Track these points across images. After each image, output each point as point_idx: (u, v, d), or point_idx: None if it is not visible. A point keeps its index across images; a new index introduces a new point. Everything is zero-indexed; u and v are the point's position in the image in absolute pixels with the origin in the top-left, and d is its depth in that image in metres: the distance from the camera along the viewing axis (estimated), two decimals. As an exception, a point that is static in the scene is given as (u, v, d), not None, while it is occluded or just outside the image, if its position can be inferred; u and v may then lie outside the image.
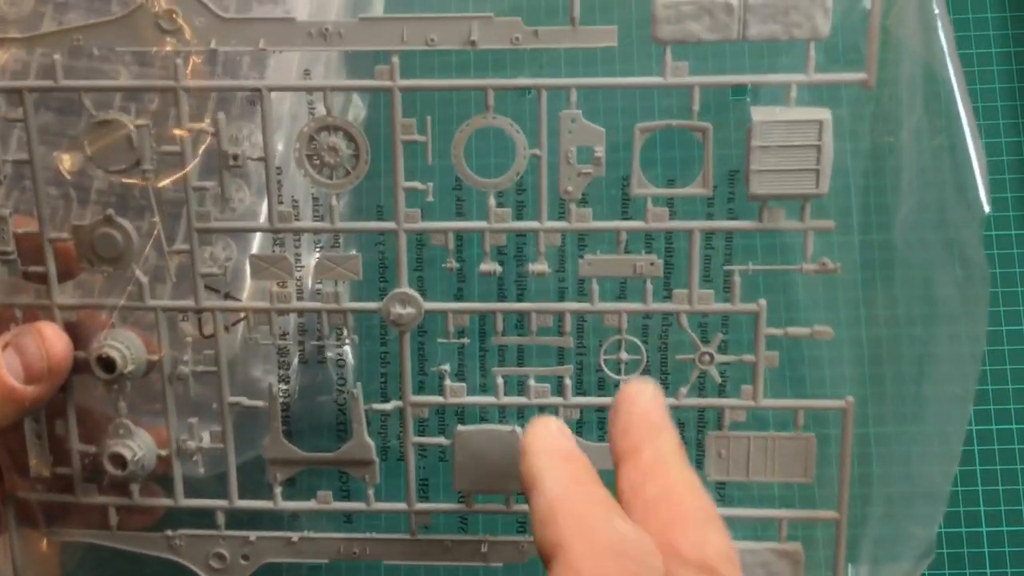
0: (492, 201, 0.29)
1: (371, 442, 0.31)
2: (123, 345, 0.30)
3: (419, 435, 0.31)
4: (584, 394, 0.31)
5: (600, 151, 0.28)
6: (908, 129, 0.28)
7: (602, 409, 0.31)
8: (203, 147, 0.29)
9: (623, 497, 0.23)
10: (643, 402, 0.25)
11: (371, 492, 0.31)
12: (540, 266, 0.29)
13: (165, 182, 0.30)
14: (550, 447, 0.24)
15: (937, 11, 0.27)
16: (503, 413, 0.31)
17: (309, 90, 0.30)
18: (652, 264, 0.29)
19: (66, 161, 0.31)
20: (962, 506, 0.35)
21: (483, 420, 0.31)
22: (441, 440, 0.31)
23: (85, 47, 0.29)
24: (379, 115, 0.30)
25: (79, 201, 0.32)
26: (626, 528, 0.22)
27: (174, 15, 0.29)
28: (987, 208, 0.27)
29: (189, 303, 0.30)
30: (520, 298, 0.31)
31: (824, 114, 0.27)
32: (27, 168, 0.29)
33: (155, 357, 0.31)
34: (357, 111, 0.32)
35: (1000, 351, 0.36)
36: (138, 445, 0.31)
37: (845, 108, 0.28)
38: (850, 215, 0.29)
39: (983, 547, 0.35)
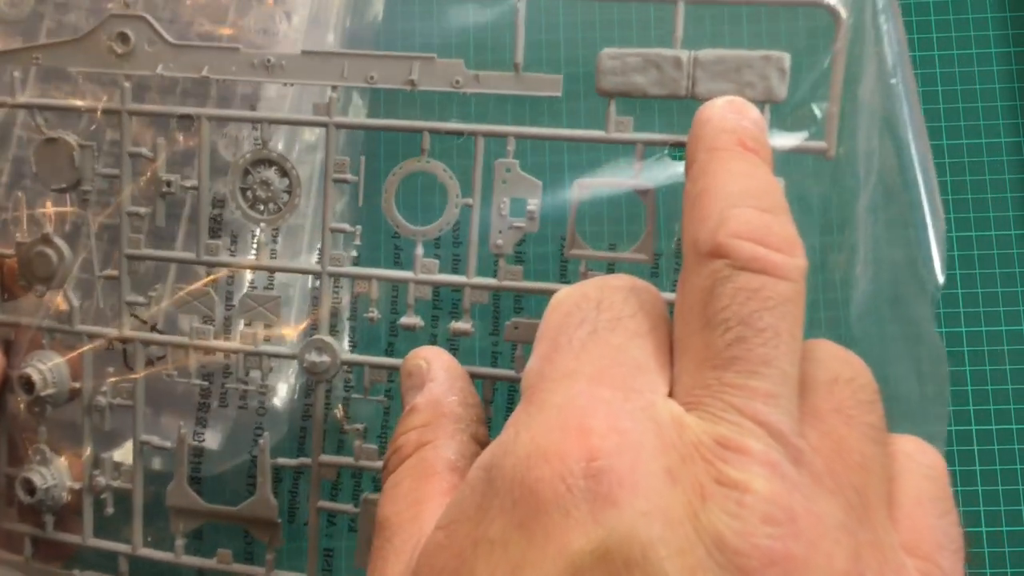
0: (419, 250, 0.27)
1: (275, 501, 0.29)
2: (46, 367, 0.29)
3: (330, 499, 0.29)
4: (509, 472, 0.28)
5: (534, 204, 0.26)
6: (864, 198, 0.25)
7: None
8: (147, 175, 0.29)
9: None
10: (708, 110, 0.22)
11: (270, 557, 0.29)
12: (463, 325, 0.27)
13: (100, 217, 0.29)
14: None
15: (898, 67, 0.24)
16: (421, 484, 0.28)
17: (251, 121, 0.29)
18: (583, 333, 0.26)
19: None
20: (962, 506, 0.34)
21: (400, 489, 0.29)
22: (348, 507, 0.28)
23: (44, 64, 0.29)
24: (379, 115, 0.29)
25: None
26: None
27: (127, 39, 0.28)
28: (941, 280, 0.24)
29: (113, 331, 0.29)
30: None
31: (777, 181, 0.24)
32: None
33: (78, 384, 0.30)
34: (357, 110, 0.31)
35: (1000, 351, 0.35)
36: (51, 473, 0.30)
37: (802, 174, 0.25)
38: (810, 291, 0.26)
39: (983, 547, 0.34)
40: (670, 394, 0.19)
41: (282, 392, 0.30)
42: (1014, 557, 0.34)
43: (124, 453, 0.30)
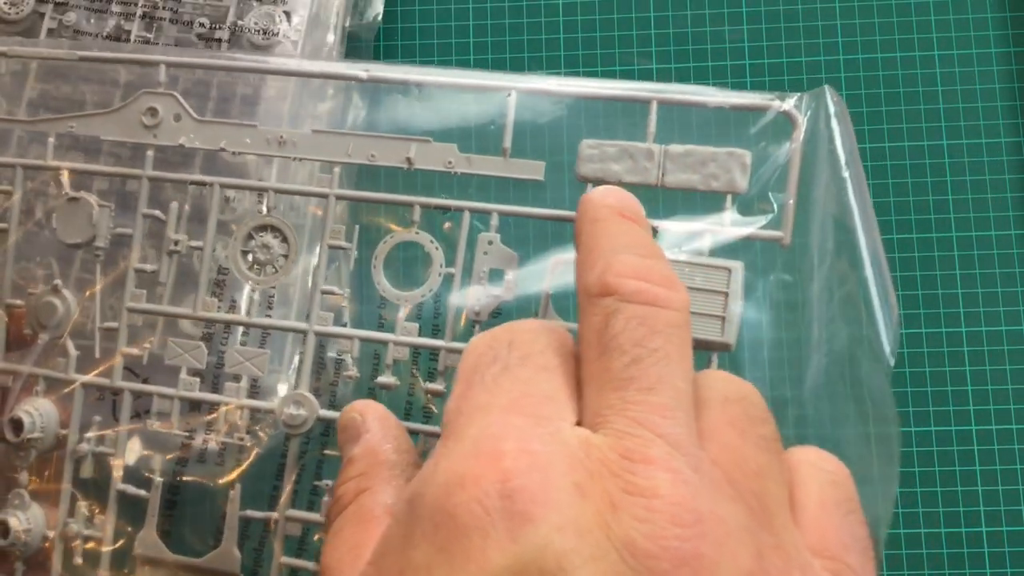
0: (402, 314, 0.29)
1: (238, 554, 0.29)
2: (37, 412, 0.31)
3: (296, 555, 0.29)
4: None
5: (511, 275, 0.28)
6: (819, 282, 0.27)
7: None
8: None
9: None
10: (589, 194, 0.25)
11: (231, 611, 0.29)
12: (437, 386, 0.28)
13: (109, 272, 0.31)
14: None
15: (849, 164, 0.27)
16: (385, 547, 0.29)
17: (258, 190, 0.31)
18: (550, 400, 0.28)
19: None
20: (962, 506, 0.34)
21: (364, 552, 0.29)
22: (311, 565, 0.29)
23: (78, 132, 0.32)
24: (380, 113, 0.31)
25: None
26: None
27: (156, 113, 0.31)
28: (892, 362, 0.25)
29: (105, 381, 0.31)
30: (427, 421, 0.30)
31: (735, 264, 0.26)
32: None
33: (65, 432, 0.31)
34: (357, 111, 0.33)
35: (1000, 351, 0.35)
36: (27, 518, 0.30)
37: (759, 259, 0.27)
38: (765, 368, 0.28)
39: (983, 547, 0.34)
40: (579, 422, 0.21)
41: (282, 392, 0.30)
42: (1014, 557, 0.34)
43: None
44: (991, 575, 0.34)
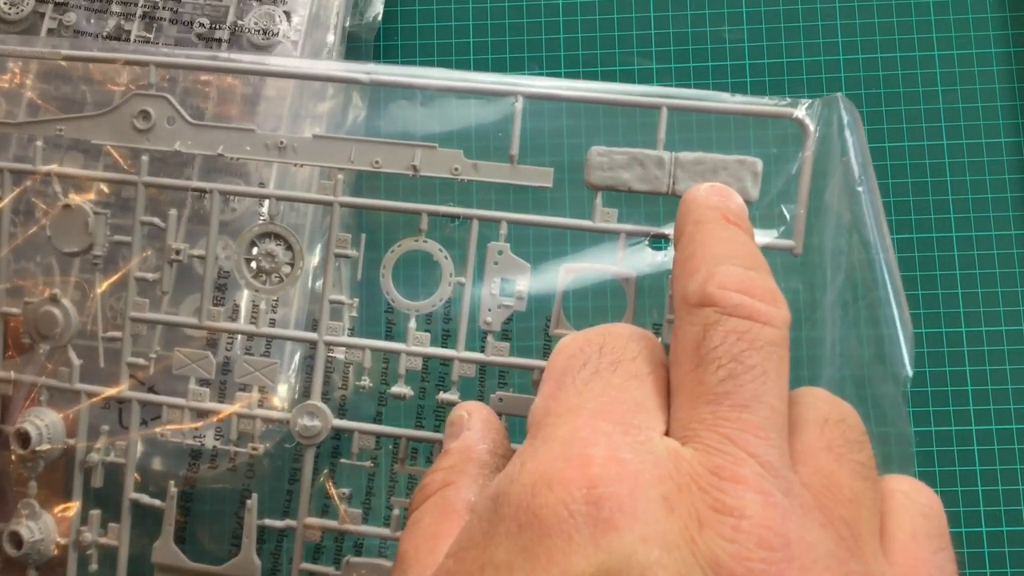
0: (412, 323, 0.29)
1: (258, 561, 0.29)
2: (43, 423, 0.30)
3: (312, 562, 0.30)
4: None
5: (523, 285, 0.28)
6: (833, 290, 0.27)
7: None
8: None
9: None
10: (694, 192, 0.24)
11: (252, 616, 0.30)
12: (451, 396, 0.29)
13: (109, 281, 0.31)
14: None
15: (863, 176, 0.27)
16: (401, 550, 0.29)
17: (260, 197, 0.31)
18: (564, 408, 0.28)
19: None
20: (962, 506, 0.34)
21: (381, 555, 0.30)
22: (330, 570, 0.29)
23: (67, 136, 0.31)
24: (379, 114, 0.31)
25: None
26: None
27: (149, 116, 0.30)
28: (909, 371, 0.26)
29: (111, 390, 0.31)
30: (437, 428, 0.30)
31: (748, 274, 0.27)
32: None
33: (72, 441, 0.31)
34: (358, 111, 0.33)
35: (1000, 351, 0.35)
36: (39, 528, 0.31)
37: (772, 267, 0.27)
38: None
39: (983, 547, 0.35)
40: (667, 432, 0.20)
41: (282, 392, 0.31)
42: (1014, 557, 0.34)
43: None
44: (991, 575, 0.35)
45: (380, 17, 0.37)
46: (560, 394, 0.21)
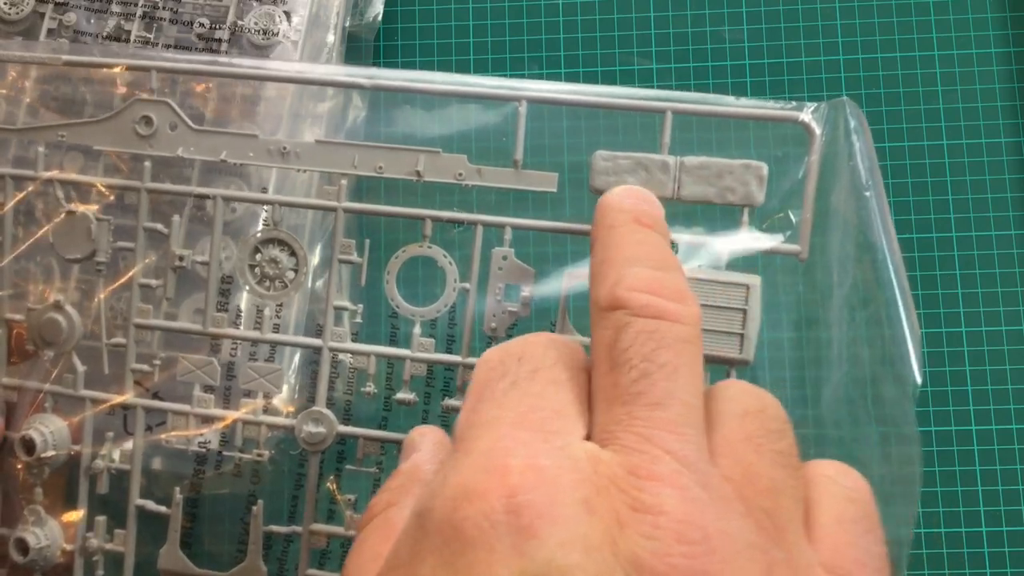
0: (417, 329, 0.29)
1: (264, 567, 0.29)
2: (48, 430, 0.30)
3: (318, 567, 0.30)
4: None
5: (528, 291, 0.28)
6: (839, 298, 0.27)
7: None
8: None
9: None
10: (607, 197, 0.25)
11: (258, 622, 0.30)
12: (456, 402, 0.29)
13: (112, 288, 0.31)
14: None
15: (870, 181, 0.27)
16: (407, 555, 0.29)
17: (262, 203, 0.31)
18: (569, 414, 0.28)
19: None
20: (962, 506, 0.34)
21: (387, 560, 0.30)
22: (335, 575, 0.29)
23: (68, 141, 0.31)
24: (379, 116, 0.31)
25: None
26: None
27: (151, 122, 0.30)
28: (919, 380, 0.26)
29: (115, 397, 0.31)
30: (443, 435, 0.30)
31: (753, 279, 0.26)
32: None
33: (77, 448, 0.31)
34: (358, 111, 0.33)
35: (1000, 351, 0.35)
36: (45, 534, 0.31)
37: (777, 273, 0.27)
38: (784, 387, 0.28)
39: (983, 547, 0.34)
40: (588, 436, 0.20)
41: (283, 393, 0.31)
42: (1014, 557, 0.34)
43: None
44: (991, 575, 0.35)
45: (380, 17, 0.37)
46: (480, 406, 0.21)
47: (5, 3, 0.35)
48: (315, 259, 0.33)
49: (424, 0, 0.39)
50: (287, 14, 0.34)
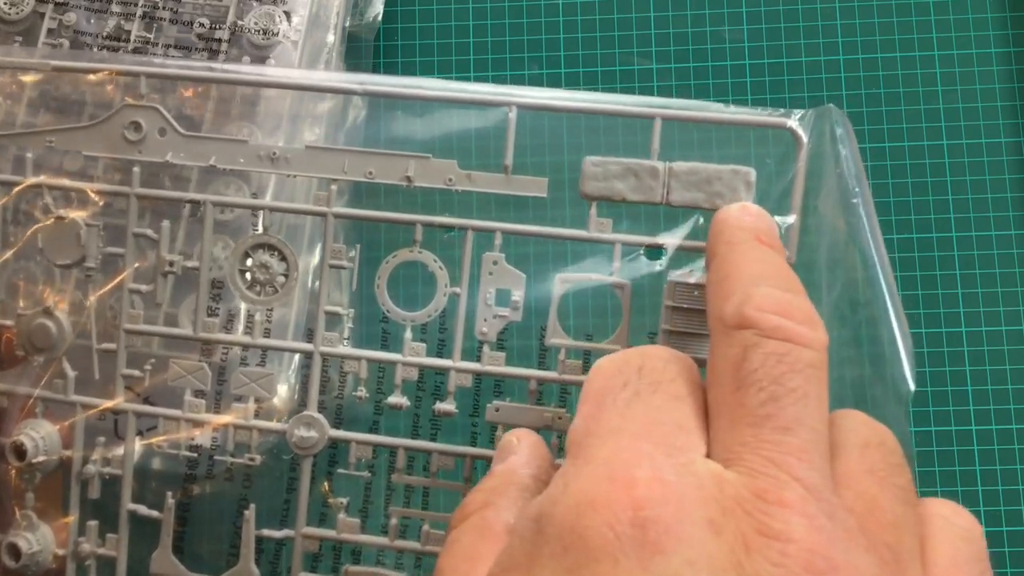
0: (408, 334, 0.29)
1: (256, 570, 0.29)
2: (39, 435, 0.30)
3: (310, 571, 0.30)
4: (485, 549, 0.30)
5: (518, 296, 0.28)
6: (828, 304, 0.27)
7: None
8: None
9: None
10: (725, 212, 0.25)
11: (250, 626, 0.30)
12: (447, 406, 0.29)
13: (102, 293, 0.31)
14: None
15: (857, 188, 0.27)
16: (400, 558, 0.30)
17: (253, 208, 0.31)
18: (560, 418, 0.28)
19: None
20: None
21: (379, 563, 0.30)
22: (329, 579, 0.30)
23: (57, 147, 0.31)
24: (379, 116, 0.31)
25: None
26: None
27: (140, 127, 0.30)
28: (912, 386, 0.26)
29: (106, 402, 0.31)
30: (433, 438, 0.31)
31: (743, 285, 0.27)
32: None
33: (68, 453, 0.31)
34: (357, 111, 0.33)
35: (1000, 351, 0.35)
36: (37, 539, 0.31)
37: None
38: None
39: None
40: (708, 454, 0.20)
41: (282, 392, 0.31)
42: (1014, 557, 0.35)
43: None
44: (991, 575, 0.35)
45: (380, 17, 0.37)
46: (601, 415, 0.21)
47: (5, 3, 0.35)
48: (315, 259, 0.33)
49: (424, 0, 0.39)
50: (287, 14, 0.34)
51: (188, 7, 0.35)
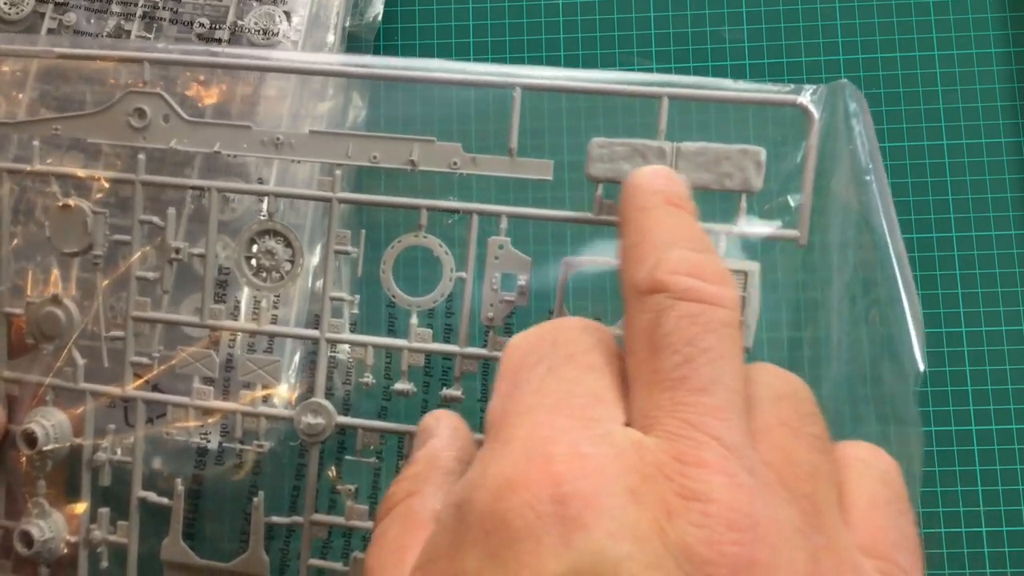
0: (414, 319, 0.29)
1: (266, 558, 0.29)
2: (49, 423, 0.30)
3: (320, 558, 0.30)
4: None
5: (524, 280, 0.28)
6: (839, 284, 0.27)
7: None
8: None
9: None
10: (635, 177, 0.24)
11: (261, 613, 0.30)
12: (454, 391, 0.28)
13: (109, 281, 0.31)
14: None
15: (870, 164, 0.26)
16: (408, 545, 0.30)
17: (258, 194, 0.30)
18: (568, 403, 0.28)
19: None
20: (962, 506, 0.34)
21: (389, 550, 0.30)
22: (337, 566, 0.29)
23: (63, 134, 0.31)
24: (379, 115, 0.31)
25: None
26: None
27: (144, 114, 0.30)
28: (922, 367, 0.25)
29: (116, 389, 0.31)
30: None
31: (752, 266, 0.26)
32: None
33: (79, 441, 0.31)
34: (358, 111, 0.33)
35: (1000, 351, 0.35)
36: (48, 526, 0.31)
37: (776, 259, 0.27)
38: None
39: (983, 547, 0.35)
40: (627, 423, 0.20)
41: (283, 392, 0.31)
42: (1014, 557, 0.35)
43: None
44: (991, 575, 0.35)
45: (380, 17, 0.37)
46: (516, 393, 0.21)
47: (5, 3, 0.35)
48: (315, 259, 0.33)
49: (424, 0, 0.38)
50: (287, 14, 0.34)
51: (188, 7, 0.35)
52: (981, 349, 0.36)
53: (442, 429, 0.24)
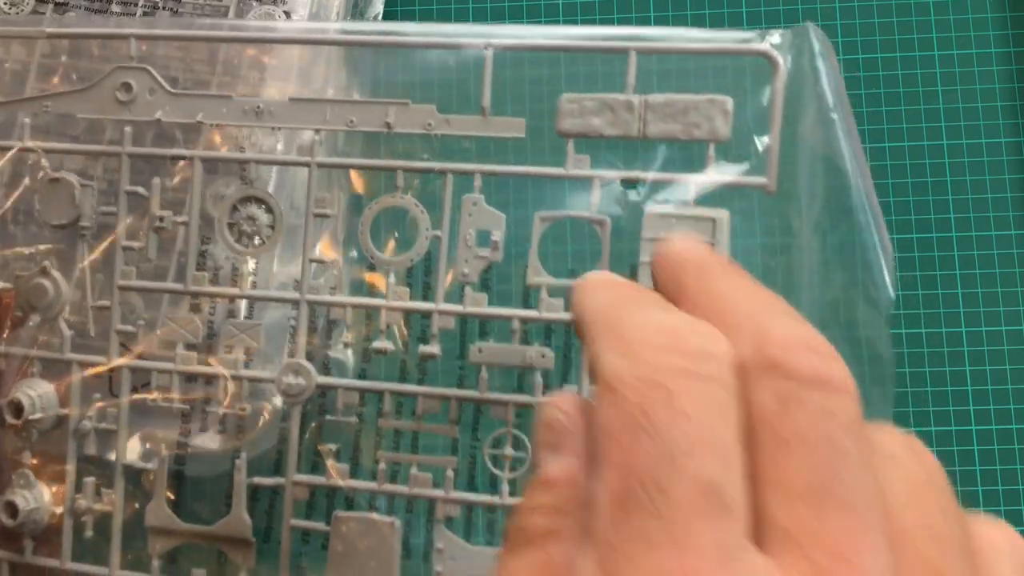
0: (391, 279, 0.29)
1: (248, 519, 0.30)
2: (36, 393, 0.31)
3: (305, 519, 0.30)
4: (476, 490, 0.29)
5: (497, 236, 0.28)
6: (807, 224, 0.27)
7: (492, 509, 0.29)
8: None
9: None
10: (671, 247, 0.21)
11: None
12: (431, 348, 0.29)
13: (96, 251, 0.31)
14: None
15: (837, 104, 0.27)
16: (391, 502, 0.30)
17: (240, 161, 0.31)
18: (543, 356, 0.28)
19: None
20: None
21: (372, 508, 0.30)
22: (320, 525, 0.30)
23: (53, 110, 0.32)
24: (356, 65, 0.31)
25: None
26: (663, 316, 0.18)
27: (131, 88, 0.31)
28: (892, 294, 0.25)
29: (101, 359, 0.31)
30: (421, 381, 0.31)
31: (721, 213, 0.27)
32: None
33: (66, 411, 0.31)
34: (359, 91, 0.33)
35: (1000, 351, 0.35)
36: (34, 497, 0.31)
37: (745, 206, 0.27)
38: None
39: None
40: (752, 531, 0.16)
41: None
42: None
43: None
44: None
45: (380, 17, 0.38)
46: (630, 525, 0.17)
47: (5, 3, 0.36)
48: (298, 257, 0.33)
49: (424, 0, 0.39)
50: (287, 14, 0.35)
51: (188, 7, 0.36)
52: (981, 349, 0.36)
53: (578, 439, 0.19)
